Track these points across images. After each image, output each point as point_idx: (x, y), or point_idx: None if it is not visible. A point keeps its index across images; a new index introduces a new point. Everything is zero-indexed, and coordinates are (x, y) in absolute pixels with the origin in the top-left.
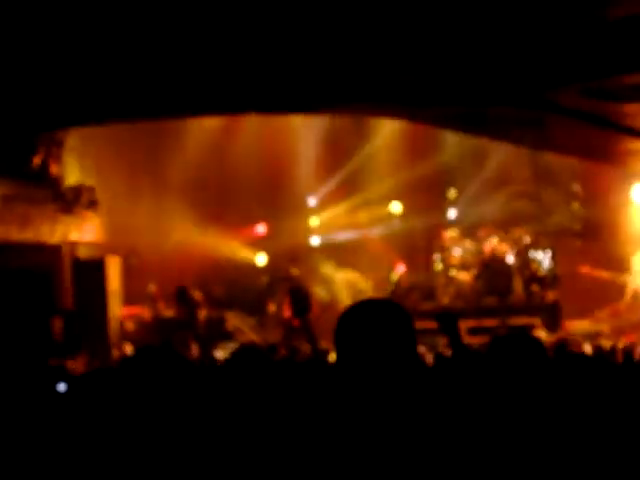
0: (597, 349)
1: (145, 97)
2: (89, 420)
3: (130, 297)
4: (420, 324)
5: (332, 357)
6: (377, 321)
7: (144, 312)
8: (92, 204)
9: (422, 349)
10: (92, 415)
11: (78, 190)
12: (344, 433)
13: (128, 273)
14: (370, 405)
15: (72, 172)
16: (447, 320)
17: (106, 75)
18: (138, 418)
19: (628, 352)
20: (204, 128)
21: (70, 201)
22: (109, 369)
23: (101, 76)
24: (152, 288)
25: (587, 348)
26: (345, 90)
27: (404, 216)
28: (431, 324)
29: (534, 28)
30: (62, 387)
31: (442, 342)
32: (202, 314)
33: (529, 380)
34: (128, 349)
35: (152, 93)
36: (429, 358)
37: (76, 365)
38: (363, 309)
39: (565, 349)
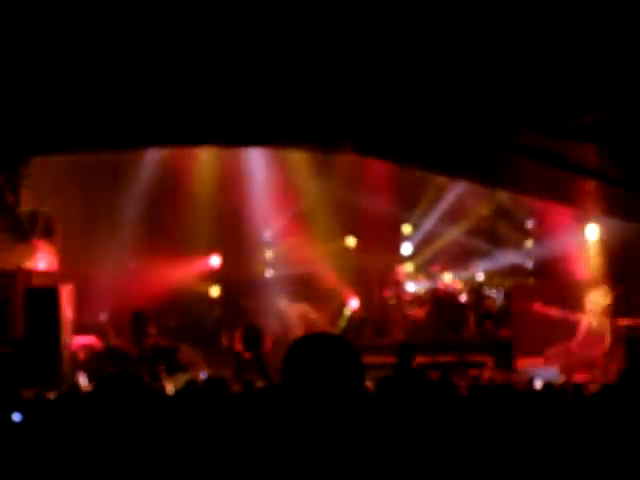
0: (547, 387)
1: (104, 128)
2: (51, 448)
3: (83, 326)
4: (371, 359)
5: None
6: (323, 356)
7: (96, 342)
8: (48, 232)
9: (370, 384)
10: (54, 442)
11: (33, 218)
12: (290, 467)
13: (81, 302)
14: (314, 438)
15: (28, 200)
16: (406, 352)
17: (67, 106)
18: (105, 446)
19: (578, 390)
20: (161, 158)
21: (25, 229)
22: (72, 397)
23: (62, 107)
24: (104, 318)
25: (538, 385)
26: (303, 125)
27: (358, 250)
28: (382, 359)
29: (492, 67)
30: (17, 417)
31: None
32: (150, 344)
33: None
34: (81, 379)
35: (112, 124)
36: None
37: (28, 394)
38: (310, 344)
39: (512, 388)
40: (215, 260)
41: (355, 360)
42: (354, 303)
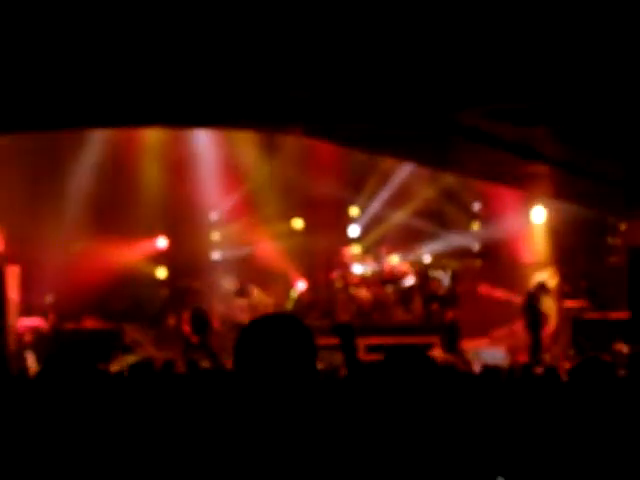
0: (488, 368)
1: (49, 107)
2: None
3: (29, 308)
4: (319, 341)
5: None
6: (277, 336)
7: (42, 323)
8: None
9: (320, 366)
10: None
11: None
12: (241, 447)
13: (27, 284)
14: (267, 418)
15: None
16: (345, 333)
17: (7, 85)
18: (52, 428)
19: (526, 371)
20: (107, 139)
21: None
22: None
23: (2, 86)
24: (49, 299)
25: (478, 367)
26: (250, 106)
27: (305, 232)
28: (329, 340)
29: (438, 50)
30: None
31: (340, 358)
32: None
33: (418, 396)
34: (29, 359)
35: (57, 104)
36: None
37: None
38: (264, 324)
39: (454, 369)
40: (162, 242)
41: (308, 340)
42: (301, 285)
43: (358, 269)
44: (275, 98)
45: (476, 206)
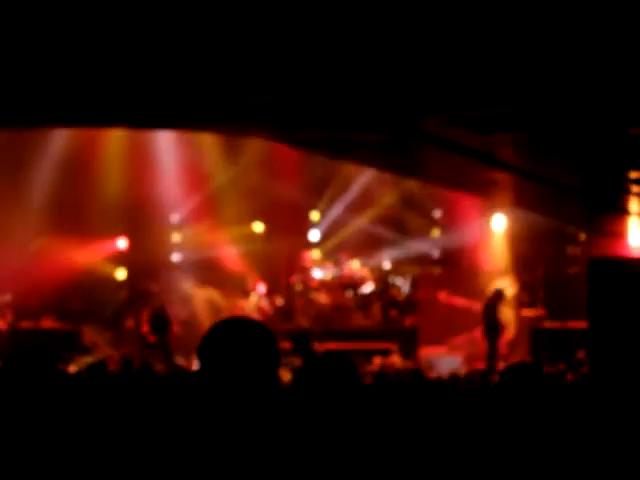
0: (444, 376)
1: (10, 106)
2: None
3: None
4: (279, 345)
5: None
6: (241, 340)
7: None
8: None
9: (281, 369)
10: None
11: None
12: (199, 452)
13: None
14: (229, 421)
15: None
16: (301, 340)
17: None
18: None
19: (484, 378)
20: (68, 138)
21: None
22: None
23: None
24: (7, 298)
25: (435, 374)
26: (212, 109)
27: (266, 236)
28: (287, 345)
29: (403, 55)
30: None
31: (299, 362)
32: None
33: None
34: None
35: (17, 101)
36: (286, 377)
37: None
38: (227, 327)
39: (421, 375)
40: (122, 243)
41: (272, 346)
42: (261, 288)
43: (318, 274)
44: (238, 101)
45: (437, 213)
